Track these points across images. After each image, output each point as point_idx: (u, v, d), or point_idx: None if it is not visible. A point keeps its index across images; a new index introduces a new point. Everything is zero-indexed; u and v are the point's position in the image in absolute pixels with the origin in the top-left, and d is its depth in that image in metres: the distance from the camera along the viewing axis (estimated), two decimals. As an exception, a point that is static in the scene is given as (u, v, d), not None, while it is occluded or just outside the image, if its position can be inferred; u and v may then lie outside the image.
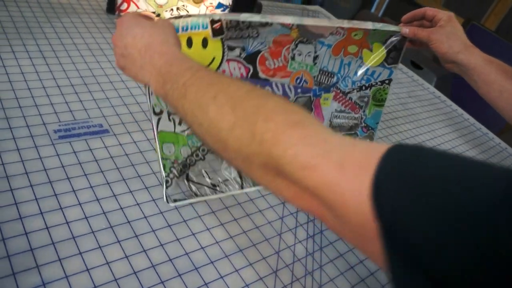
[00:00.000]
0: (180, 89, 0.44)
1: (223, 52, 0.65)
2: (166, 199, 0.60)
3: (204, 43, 0.63)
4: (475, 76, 0.74)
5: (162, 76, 0.46)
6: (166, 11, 0.99)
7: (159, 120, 0.59)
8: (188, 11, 1.02)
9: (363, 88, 0.82)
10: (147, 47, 0.49)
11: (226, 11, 1.02)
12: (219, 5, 1.01)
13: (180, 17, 0.60)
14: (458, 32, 0.74)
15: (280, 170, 0.35)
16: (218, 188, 0.66)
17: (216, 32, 0.63)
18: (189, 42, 0.61)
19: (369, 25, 0.72)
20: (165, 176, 0.60)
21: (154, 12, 0.98)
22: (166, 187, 0.61)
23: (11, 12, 0.88)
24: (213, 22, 0.62)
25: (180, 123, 0.64)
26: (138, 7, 0.98)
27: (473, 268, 0.22)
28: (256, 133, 0.36)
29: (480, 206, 0.23)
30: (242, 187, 0.69)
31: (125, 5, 0.98)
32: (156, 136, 0.59)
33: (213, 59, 0.65)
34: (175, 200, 0.60)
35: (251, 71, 0.69)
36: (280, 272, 0.57)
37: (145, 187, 0.62)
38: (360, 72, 0.80)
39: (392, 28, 0.75)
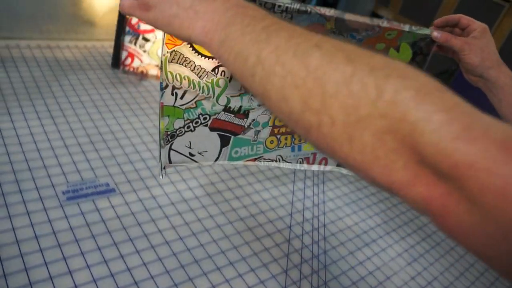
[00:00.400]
0: (258, 33, 0.35)
1: None
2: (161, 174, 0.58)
3: None
4: (500, 95, 0.71)
5: (226, 17, 0.36)
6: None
7: (162, 94, 0.60)
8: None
9: None
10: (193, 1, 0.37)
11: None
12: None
13: None
14: (492, 46, 0.71)
15: (410, 139, 0.27)
16: (194, 158, 0.68)
17: None
18: None
19: (406, 27, 0.71)
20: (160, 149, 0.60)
21: (157, 66, 1.02)
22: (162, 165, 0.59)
23: (21, 72, 0.92)
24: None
25: (182, 97, 0.61)
26: (141, 61, 1.02)
27: None
28: (386, 90, 0.28)
29: None
30: (216, 160, 0.71)
31: (129, 60, 1.01)
32: (160, 111, 0.59)
33: None
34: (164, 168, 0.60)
35: None
36: None
37: (151, 246, 0.63)
38: None
39: (423, 30, 0.72)
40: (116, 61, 1.02)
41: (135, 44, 0.99)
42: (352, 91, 0.29)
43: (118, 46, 1.00)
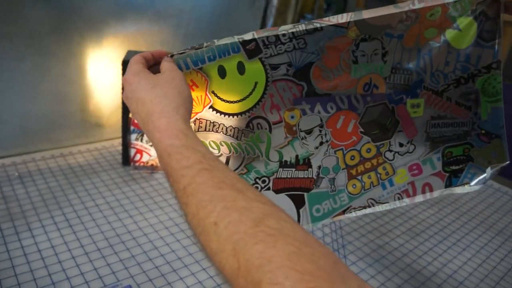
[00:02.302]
0: (181, 194, 0.40)
1: (266, 74, 0.57)
2: None
3: (240, 68, 0.56)
4: None
5: (162, 164, 0.43)
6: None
7: None
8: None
9: (462, 81, 0.64)
10: (148, 118, 0.46)
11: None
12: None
13: (183, 52, 0.54)
14: None
15: None
16: None
17: (251, 53, 0.55)
18: (222, 72, 0.56)
19: None
20: None
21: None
22: None
23: (38, 185, 0.96)
24: (245, 43, 0.55)
25: (227, 164, 0.60)
26: (150, 155, 1.05)
27: None
28: None
29: None
30: None
31: (138, 156, 1.05)
32: None
33: (255, 84, 0.58)
34: None
35: (305, 88, 0.60)
36: None
37: None
38: (451, 60, 0.63)
39: None
40: (126, 159, 1.06)
41: (141, 140, 1.03)
42: (241, 285, 0.32)
43: (126, 144, 1.04)
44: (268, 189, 0.64)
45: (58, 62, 1.08)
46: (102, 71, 1.15)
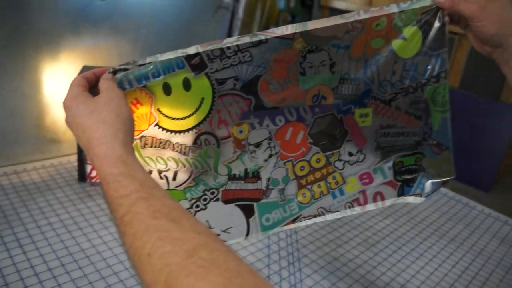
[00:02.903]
0: (119, 224, 0.40)
1: (213, 89, 0.57)
2: None
3: (186, 84, 0.55)
4: None
5: (103, 192, 0.44)
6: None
7: None
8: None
9: (410, 90, 0.64)
10: (88, 144, 0.46)
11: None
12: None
13: (125, 68, 0.53)
14: (510, 8, 0.58)
15: None
16: (220, 237, 0.62)
17: (196, 68, 0.55)
18: (167, 89, 0.55)
19: (392, 8, 0.59)
20: None
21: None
22: None
23: (-12, 204, 0.94)
24: (189, 57, 0.54)
25: (174, 178, 0.60)
26: (107, 171, 1.04)
27: None
28: None
29: None
30: (248, 234, 0.64)
31: (94, 172, 1.04)
32: None
33: (202, 100, 0.57)
34: None
35: (253, 102, 0.59)
36: None
37: None
38: (397, 69, 0.63)
39: (423, 2, 0.60)
40: (82, 175, 1.05)
41: (97, 156, 1.02)
42: None
43: (82, 160, 1.03)
44: (217, 200, 0.63)
45: (12, 77, 1.06)
46: (58, 86, 1.13)
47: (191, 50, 0.54)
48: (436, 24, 0.61)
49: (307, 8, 3.56)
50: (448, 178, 0.68)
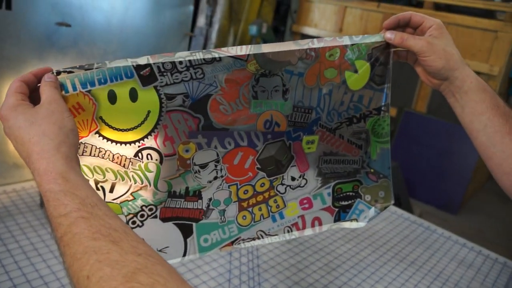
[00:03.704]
0: (59, 243, 0.40)
1: (161, 104, 0.55)
2: None
3: (133, 95, 0.53)
4: (463, 101, 0.63)
5: (44, 209, 0.43)
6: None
7: None
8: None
9: (354, 120, 0.67)
10: (28, 158, 0.43)
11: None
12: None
13: (71, 71, 0.50)
14: (453, 44, 0.62)
15: None
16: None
17: (146, 80, 0.53)
18: (112, 97, 0.52)
19: (345, 40, 0.61)
20: None
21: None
22: None
23: None
24: (139, 67, 0.52)
25: (111, 191, 0.57)
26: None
27: None
28: None
29: None
30: (185, 255, 0.62)
31: (58, 198, 1.03)
32: None
33: (148, 113, 0.55)
34: None
35: (202, 122, 0.58)
36: None
37: None
38: (346, 100, 0.65)
39: (374, 38, 0.62)
40: (43, 201, 1.04)
41: (60, 182, 1.01)
42: None
43: (45, 186, 1.02)
44: (155, 217, 0.61)
45: (-25, 101, 1.06)
46: (22, 111, 1.12)
47: (142, 60, 0.52)
48: (383, 60, 0.64)
49: (280, 34, 3.64)
50: (386, 204, 0.71)
